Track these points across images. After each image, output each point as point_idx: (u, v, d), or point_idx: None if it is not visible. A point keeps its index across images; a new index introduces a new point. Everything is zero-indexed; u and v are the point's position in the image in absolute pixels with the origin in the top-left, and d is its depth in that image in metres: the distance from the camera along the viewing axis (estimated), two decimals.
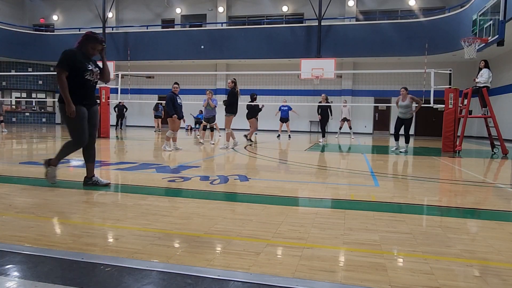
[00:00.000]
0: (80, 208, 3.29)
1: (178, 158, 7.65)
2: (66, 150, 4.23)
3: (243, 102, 11.65)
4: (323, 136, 13.92)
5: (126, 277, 1.93)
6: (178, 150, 8.92)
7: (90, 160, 4.33)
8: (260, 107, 13.41)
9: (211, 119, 10.77)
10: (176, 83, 9.08)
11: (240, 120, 12.69)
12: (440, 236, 2.74)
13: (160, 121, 19.26)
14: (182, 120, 9.55)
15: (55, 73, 3.99)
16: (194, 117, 20.51)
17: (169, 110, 8.92)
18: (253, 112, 12.82)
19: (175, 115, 8.86)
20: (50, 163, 4.25)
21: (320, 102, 13.71)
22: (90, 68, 4.11)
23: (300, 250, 2.37)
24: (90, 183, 4.30)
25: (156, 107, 19.10)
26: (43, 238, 2.48)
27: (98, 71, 4.24)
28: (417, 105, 9.53)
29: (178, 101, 8.94)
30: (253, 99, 12.96)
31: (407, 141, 9.76)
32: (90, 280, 1.88)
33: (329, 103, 13.95)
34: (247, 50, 20.57)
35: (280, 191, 4.29)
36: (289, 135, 15.83)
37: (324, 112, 13.59)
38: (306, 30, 20.16)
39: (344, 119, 15.78)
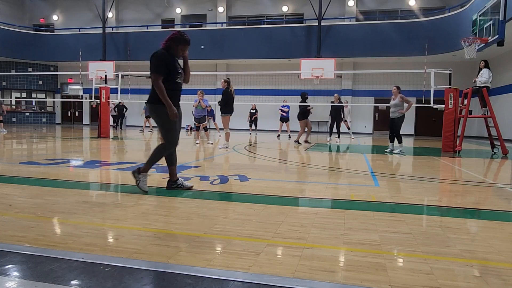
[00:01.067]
0: (80, 208, 3.29)
1: (178, 158, 7.64)
2: (159, 154, 4.08)
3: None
4: (338, 136, 13.96)
5: (126, 277, 1.93)
6: None
7: (174, 162, 4.25)
8: (309, 108, 12.45)
9: (201, 119, 10.78)
10: None
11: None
12: (440, 236, 2.74)
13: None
14: None
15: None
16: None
17: None
18: (304, 113, 12.24)
19: None
20: (141, 171, 4.02)
21: (332, 102, 13.69)
22: (180, 71, 4.01)
23: (300, 250, 2.37)
24: (175, 186, 4.21)
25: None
26: (43, 238, 2.48)
27: (183, 72, 4.12)
28: (407, 105, 9.43)
29: None
30: (304, 99, 12.30)
31: (399, 141, 9.54)
32: (90, 280, 1.88)
33: (342, 103, 13.89)
34: (247, 50, 20.56)
35: (280, 191, 4.29)
36: (289, 135, 15.83)
37: (336, 112, 13.57)
38: (306, 30, 20.15)
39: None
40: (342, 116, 13.77)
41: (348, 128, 16.13)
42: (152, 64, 3.83)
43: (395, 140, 9.65)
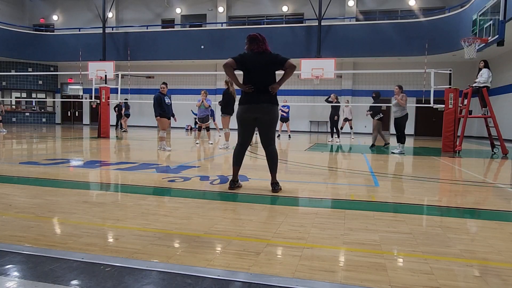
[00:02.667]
0: (80, 208, 3.29)
1: (178, 158, 7.65)
2: (277, 158, 4.40)
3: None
4: (338, 136, 13.83)
5: (126, 277, 1.93)
6: (165, 150, 8.95)
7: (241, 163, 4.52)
8: (382, 108, 11.76)
9: (205, 118, 10.81)
10: (164, 83, 9.12)
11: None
12: (440, 236, 2.74)
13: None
14: (173, 119, 9.66)
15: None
16: (193, 113, 20.38)
17: (154, 110, 8.99)
18: (376, 113, 11.62)
19: (158, 117, 8.97)
20: (276, 181, 4.31)
21: (330, 102, 13.65)
22: None
23: (300, 250, 2.37)
24: (237, 186, 4.43)
25: (126, 106, 18.69)
26: (43, 238, 2.48)
27: None
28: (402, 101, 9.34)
29: (166, 101, 9.02)
30: (375, 99, 11.85)
31: (402, 141, 9.45)
32: (90, 280, 1.88)
33: (339, 102, 13.86)
34: None
35: (280, 191, 4.28)
36: (289, 135, 15.83)
37: (334, 112, 13.54)
38: (306, 30, 20.15)
39: (346, 119, 15.78)
40: (338, 115, 13.73)
41: (351, 128, 16.14)
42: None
43: (400, 139, 9.62)
